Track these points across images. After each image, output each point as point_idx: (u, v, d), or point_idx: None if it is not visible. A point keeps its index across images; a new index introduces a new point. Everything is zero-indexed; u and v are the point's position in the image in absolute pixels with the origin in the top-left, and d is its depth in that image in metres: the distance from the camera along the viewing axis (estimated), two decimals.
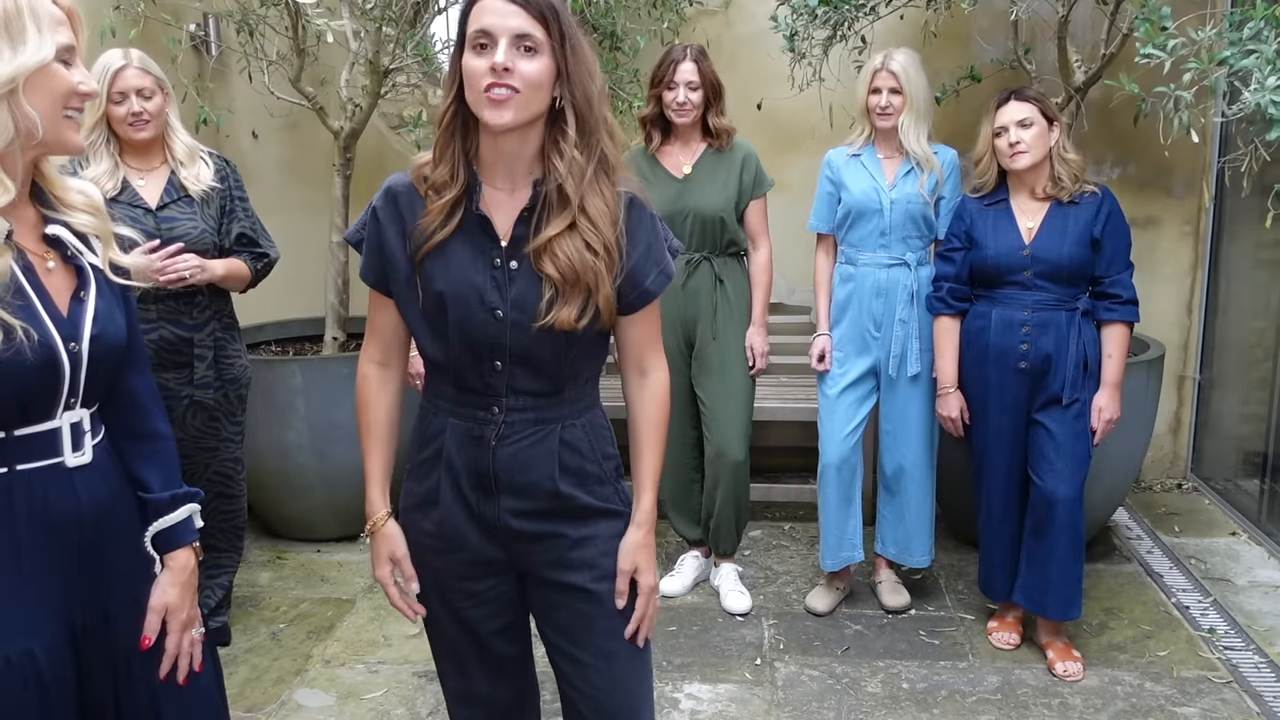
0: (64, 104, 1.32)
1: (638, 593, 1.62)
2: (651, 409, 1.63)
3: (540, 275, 1.48)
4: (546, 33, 1.43)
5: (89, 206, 1.44)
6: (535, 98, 1.44)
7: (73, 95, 1.32)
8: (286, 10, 3.57)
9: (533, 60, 1.43)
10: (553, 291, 1.47)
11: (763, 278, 3.20)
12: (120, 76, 2.63)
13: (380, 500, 1.65)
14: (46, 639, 1.35)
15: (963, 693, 2.80)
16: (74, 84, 1.32)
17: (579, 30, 1.47)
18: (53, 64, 1.29)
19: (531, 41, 1.42)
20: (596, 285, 1.48)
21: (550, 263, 1.47)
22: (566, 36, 1.44)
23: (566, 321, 1.47)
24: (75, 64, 1.33)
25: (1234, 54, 2.49)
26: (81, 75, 1.34)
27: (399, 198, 1.55)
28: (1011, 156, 2.78)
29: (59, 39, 1.29)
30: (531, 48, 1.42)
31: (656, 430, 1.64)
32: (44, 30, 1.27)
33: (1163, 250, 4.23)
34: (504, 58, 1.41)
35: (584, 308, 1.49)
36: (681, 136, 3.15)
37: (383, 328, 1.63)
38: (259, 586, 3.47)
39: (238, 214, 2.84)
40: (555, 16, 1.43)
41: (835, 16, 3.51)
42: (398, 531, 1.64)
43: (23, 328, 1.28)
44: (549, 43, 1.43)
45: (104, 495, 1.41)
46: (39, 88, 1.28)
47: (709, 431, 3.21)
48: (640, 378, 1.63)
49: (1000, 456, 2.91)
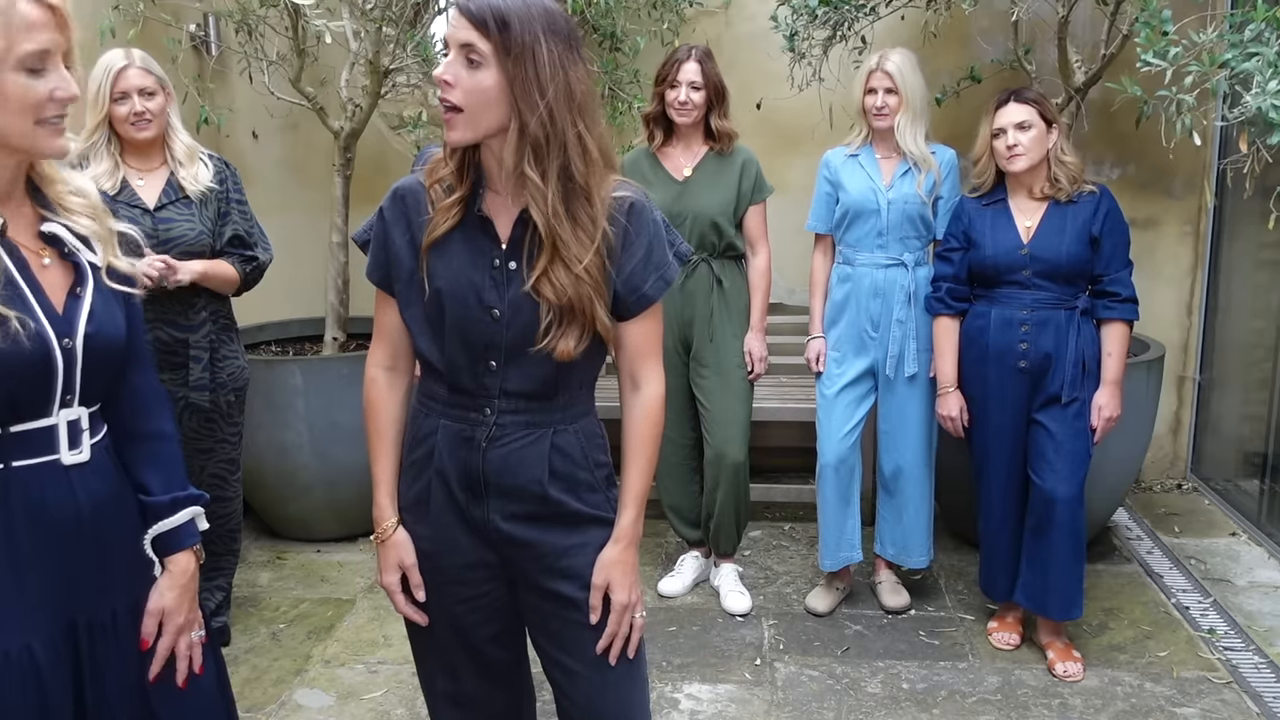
0: (34, 115, 1.28)
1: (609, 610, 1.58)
2: (642, 424, 1.59)
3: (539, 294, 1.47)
4: (490, 44, 1.37)
5: (87, 209, 1.43)
6: (485, 112, 1.40)
7: (46, 103, 1.28)
8: (286, 11, 3.57)
9: (477, 72, 1.38)
10: (550, 316, 1.47)
11: (761, 283, 3.20)
12: (123, 76, 2.63)
13: (390, 506, 1.63)
14: (45, 635, 1.35)
15: (963, 693, 2.80)
16: (43, 94, 1.28)
17: (548, 42, 1.38)
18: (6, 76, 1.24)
19: (476, 54, 1.38)
20: (591, 312, 1.47)
21: (549, 290, 1.46)
22: (517, 48, 1.37)
23: (565, 352, 1.47)
24: (53, 69, 1.29)
25: (1235, 56, 2.49)
26: (58, 80, 1.29)
27: (406, 198, 1.56)
28: (1009, 159, 2.78)
29: (27, 46, 1.25)
30: (476, 60, 1.38)
31: (645, 446, 1.59)
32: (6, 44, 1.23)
33: (1163, 251, 4.23)
34: (444, 69, 1.38)
35: (581, 335, 1.48)
36: (684, 138, 3.15)
37: (390, 330, 1.62)
38: (259, 586, 3.47)
39: (233, 216, 2.83)
40: (502, 27, 1.36)
41: (835, 17, 3.50)
42: (407, 539, 1.63)
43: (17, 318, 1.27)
44: (495, 55, 1.37)
45: (103, 494, 1.41)
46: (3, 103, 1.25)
47: (708, 433, 3.21)
48: (633, 390, 1.60)
49: (1000, 456, 2.91)
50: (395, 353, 1.63)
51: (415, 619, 1.65)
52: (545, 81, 1.38)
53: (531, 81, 1.38)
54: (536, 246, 1.47)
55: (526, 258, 1.49)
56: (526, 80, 1.38)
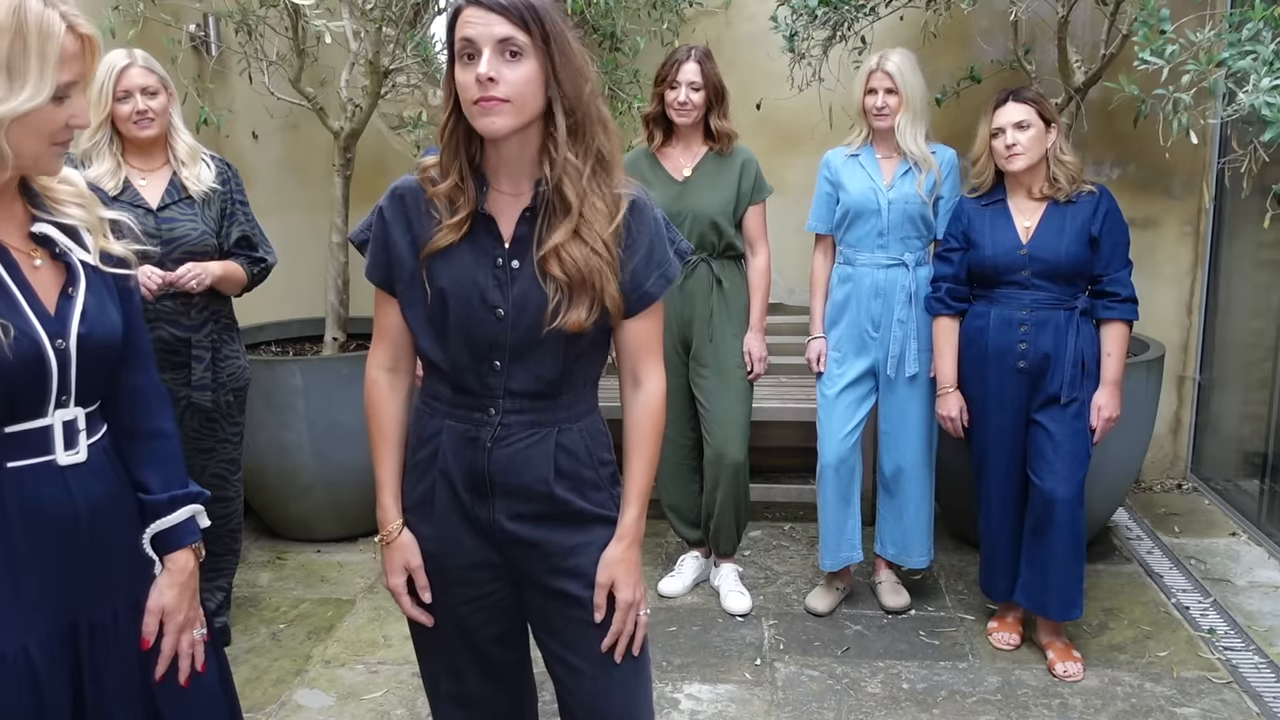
0: (51, 140, 1.31)
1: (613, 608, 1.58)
2: (644, 421, 1.60)
3: (545, 275, 1.48)
4: (529, 36, 1.40)
5: (76, 197, 1.43)
6: (527, 102, 1.43)
7: (62, 130, 1.31)
8: (286, 11, 3.57)
9: (519, 65, 1.41)
10: (559, 295, 1.47)
11: (761, 283, 3.20)
12: (125, 75, 2.64)
13: (394, 509, 1.63)
14: (42, 636, 1.35)
15: (963, 693, 2.80)
16: (63, 121, 1.31)
17: (566, 27, 1.44)
18: (47, 106, 1.27)
19: (516, 46, 1.40)
20: (603, 284, 1.48)
21: (557, 266, 1.46)
22: (552, 36, 1.42)
23: (576, 323, 1.47)
24: (75, 96, 1.32)
25: (1232, 55, 2.49)
26: (77, 107, 1.32)
27: (405, 198, 1.55)
28: (1007, 158, 2.78)
29: (63, 77, 1.28)
30: (517, 52, 1.41)
31: (648, 443, 1.60)
32: (47, 74, 1.26)
33: (1163, 250, 4.23)
34: (487, 68, 1.39)
35: (591, 307, 1.49)
36: (683, 138, 3.15)
37: (391, 331, 1.61)
38: (259, 587, 3.47)
39: (238, 217, 2.84)
40: (537, 18, 1.41)
41: (835, 17, 3.51)
42: (412, 541, 1.62)
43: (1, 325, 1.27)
44: (534, 45, 1.41)
45: (100, 494, 1.41)
46: (28, 127, 1.28)
47: (708, 433, 3.21)
48: (634, 388, 1.61)
49: (1000, 456, 2.91)
50: (396, 354, 1.63)
51: (421, 621, 1.65)
52: (578, 65, 1.45)
53: (567, 67, 1.44)
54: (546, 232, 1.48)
55: (531, 256, 1.49)
56: (565, 66, 1.43)
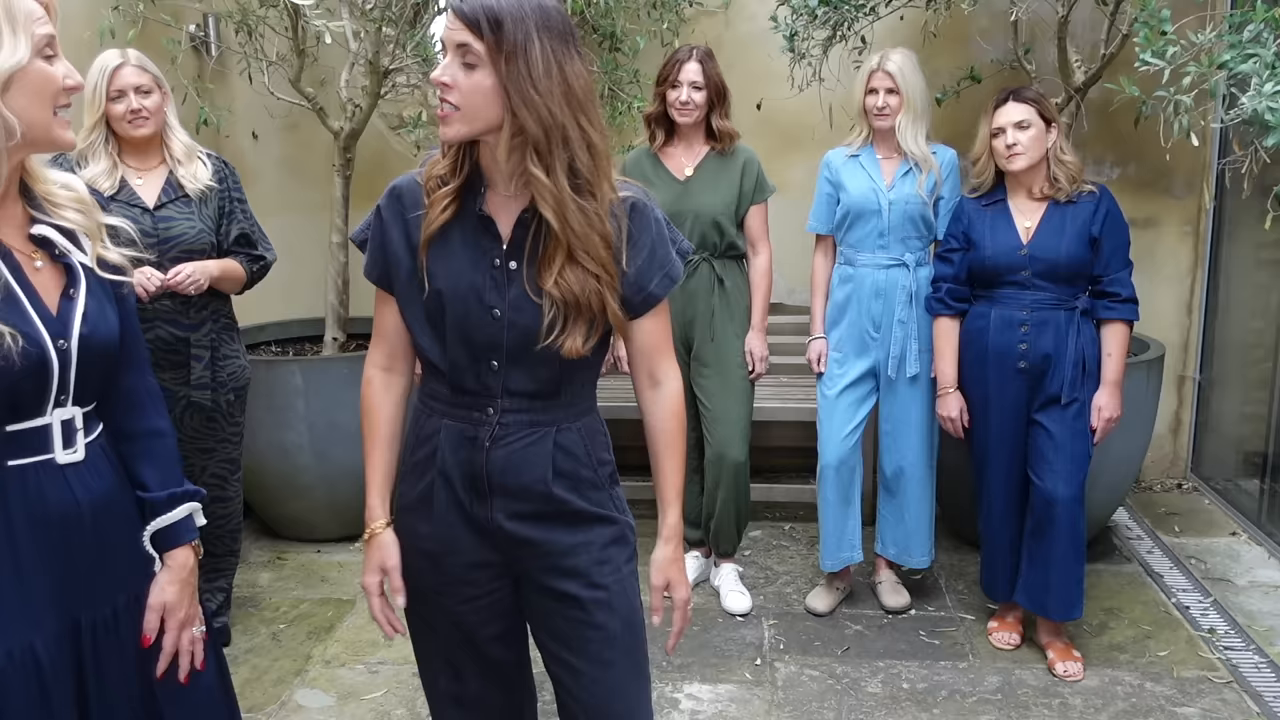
0: (53, 102, 1.31)
1: (673, 607, 1.64)
2: (668, 420, 1.62)
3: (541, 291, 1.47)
4: (485, 46, 1.37)
5: (75, 203, 1.43)
6: (479, 112, 1.41)
7: (60, 92, 1.31)
8: (286, 11, 3.57)
9: (472, 74, 1.39)
10: (555, 312, 1.47)
11: (762, 283, 3.20)
12: (118, 74, 2.64)
13: (380, 507, 1.63)
14: (47, 634, 1.36)
15: (963, 693, 2.80)
16: (60, 81, 1.31)
17: (541, 40, 1.38)
18: (35, 63, 1.27)
19: (471, 56, 1.39)
20: (601, 305, 1.48)
21: (554, 287, 1.46)
22: (509, 47, 1.37)
23: (574, 350, 1.47)
24: (59, 57, 1.32)
25: (1233, 57, 2.49)
26: (65, 69, 1.32)
27: (403, 196, 1.56)
28: (1008, 158, 2.78)
29: (38, 30, 1.27)
30: (471, 62, 1.39)
31: (675, 441, 1.63)
32: (19, 30, 1.25)
33: (1163, 250, 4.23)
34: (441, 71, 1.40)
35: (590, 331, 1.48)
36: (685, 138, 3.15)
37: (388, 330, 1.62)
38: (259, 587, 3.47)
39: (237, 215, 2.84)
40: (495, 27, 1.37)
41: (835, 17, 3.51)
42: (393, 541, 1.62)
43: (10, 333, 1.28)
44: (489, 56, 1.38)
45: (100, 492, 1.41)
46: (25, 89, 1.27)
47: (709, 432, 3.21)
48: (653, 388, 1.62)
49: (1000, 457, 2.91)
50: (393, 353, 1.63)
51: (385, 628, 1.64)
52: (539, 79, 1.39)
53: (525, 80, 1.38)
54: (540, 245, 1.47)
55: (528, 258, 1.49)
56: (521, 79, 1.38)
